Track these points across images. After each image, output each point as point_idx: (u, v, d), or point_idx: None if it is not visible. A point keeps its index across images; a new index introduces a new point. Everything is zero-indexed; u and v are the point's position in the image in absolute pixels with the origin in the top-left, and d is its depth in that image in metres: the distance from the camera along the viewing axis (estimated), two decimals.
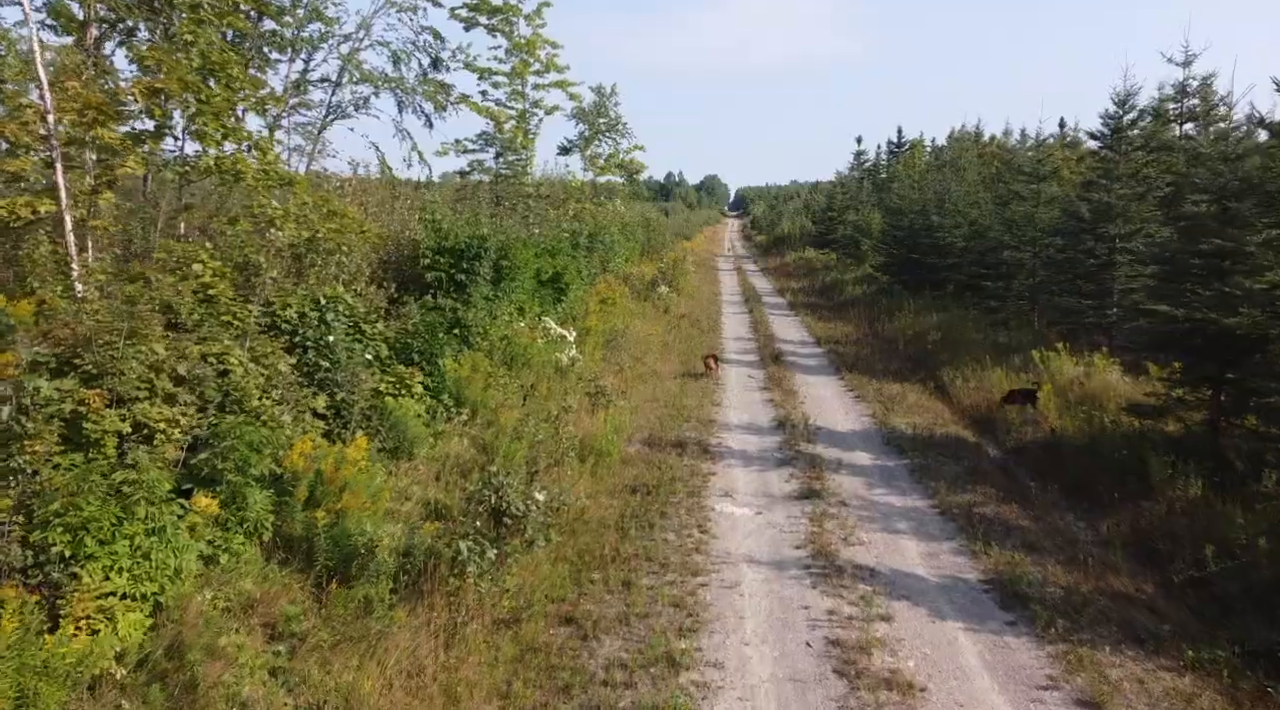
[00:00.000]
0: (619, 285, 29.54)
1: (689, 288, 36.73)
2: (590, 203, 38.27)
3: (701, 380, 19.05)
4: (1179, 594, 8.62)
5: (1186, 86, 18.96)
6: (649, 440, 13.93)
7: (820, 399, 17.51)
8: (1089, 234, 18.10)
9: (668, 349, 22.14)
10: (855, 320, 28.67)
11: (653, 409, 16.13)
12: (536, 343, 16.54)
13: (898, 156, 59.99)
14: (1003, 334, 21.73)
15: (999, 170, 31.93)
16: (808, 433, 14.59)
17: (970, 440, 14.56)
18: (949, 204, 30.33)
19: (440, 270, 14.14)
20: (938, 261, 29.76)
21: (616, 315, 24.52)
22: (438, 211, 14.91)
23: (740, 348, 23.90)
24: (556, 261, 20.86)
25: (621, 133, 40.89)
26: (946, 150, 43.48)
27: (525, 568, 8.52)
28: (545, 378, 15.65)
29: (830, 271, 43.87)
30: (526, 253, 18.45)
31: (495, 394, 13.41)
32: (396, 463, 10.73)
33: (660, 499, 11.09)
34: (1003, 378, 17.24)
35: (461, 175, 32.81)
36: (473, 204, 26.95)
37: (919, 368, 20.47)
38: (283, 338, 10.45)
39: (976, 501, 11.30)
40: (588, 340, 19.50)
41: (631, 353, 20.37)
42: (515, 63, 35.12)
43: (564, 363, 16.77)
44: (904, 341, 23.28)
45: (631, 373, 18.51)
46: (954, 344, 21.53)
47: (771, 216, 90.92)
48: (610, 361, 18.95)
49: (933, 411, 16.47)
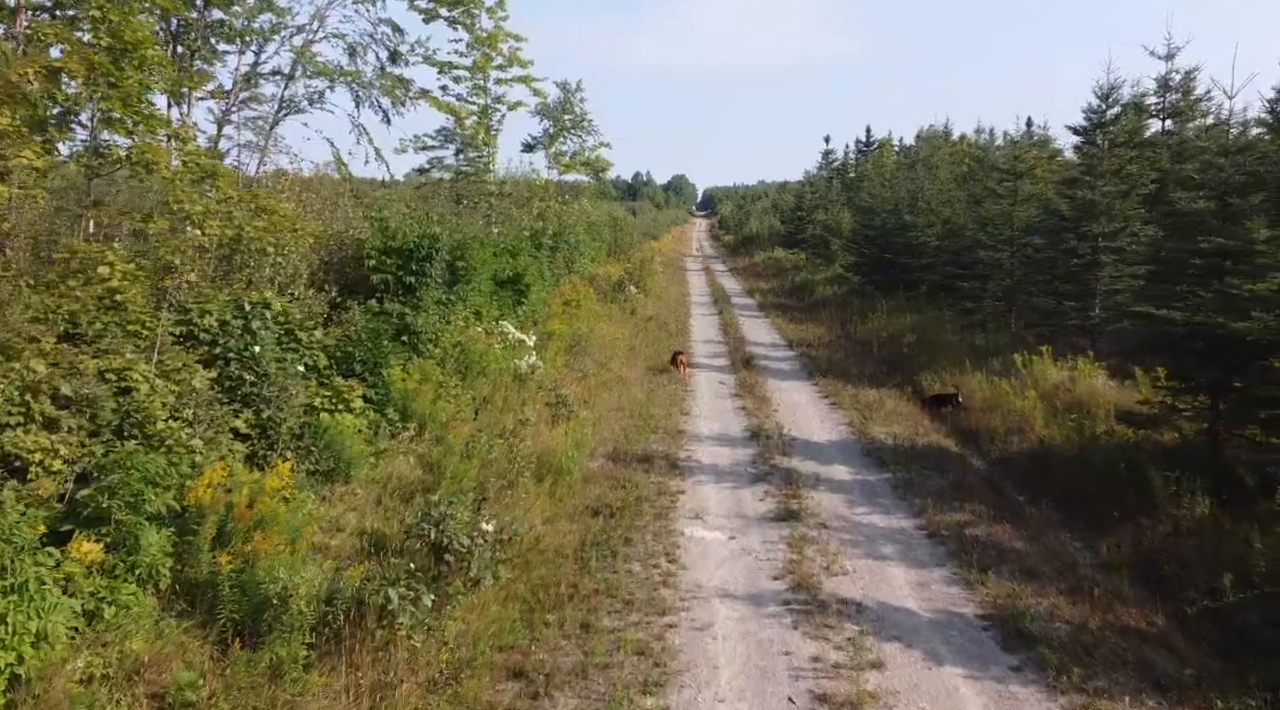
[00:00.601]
0: (584, 286, 28.55)
1: (657, 288, 35.81)
2: (555, 201, 37.27)
3: (670, 386, 18.13)
4: (1195, 627, 7.82)
5: (1169, 80, 18.39)
6: (614, 454, 12.96)
7: (795, 406, 16.64)
8: (1071, 232, 17.43)
9: (634, 353, 21.18)
10: (827, 322, 27.92)
11: (618, 419, 15.16)
12: (493, 349, 15.51)
13: (866, 156, 59.62)
14: (980, 336, 21.06)
15: (971, 168, 31.36)
16: (783, 444, 13.70)
17: (953, 451, 13.76)
18: (922, 202, 29.68)
19: (387, 272, 13.06)
20: (911, 261, 29.10)
21: (581, 318, 23.53)
22: (386, 209, 13.82)
23: (710, 351, 23.01)
24: (516, 262, 19.83)
25: (587, 129, 39.89)
26: (918, 149, 42.98)
27: (470, 610, 7.51)
28: (502, 387, 14.63)
29: (800, 271, 43.20)
30: (484, 252, 17.41)
31: (447, 406, 12.36)
32: (331, 487, 9.66)
33: (625, 523, 10.12)
34: (983, 383, 16.48)
35: (421, 172, 31.62)
36: (433, 203, 25.90)
37: (895, 371, 19.71)
38: (201, 349, 9.36)
39: (966, 521, 10.46)
40: (550, 345, 18.49)
41: (596, 357, 19.39)
42: (477, 57, 33.93)
43: (523, 370, 15.75)
44: (878, 344, 22.53)
45: (596, 379, 17.52)
46: (930, 346, 20.82)
47: (739, 216, 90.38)
48: (573, 367, 17.95)
49: (912, 419, 15.66)
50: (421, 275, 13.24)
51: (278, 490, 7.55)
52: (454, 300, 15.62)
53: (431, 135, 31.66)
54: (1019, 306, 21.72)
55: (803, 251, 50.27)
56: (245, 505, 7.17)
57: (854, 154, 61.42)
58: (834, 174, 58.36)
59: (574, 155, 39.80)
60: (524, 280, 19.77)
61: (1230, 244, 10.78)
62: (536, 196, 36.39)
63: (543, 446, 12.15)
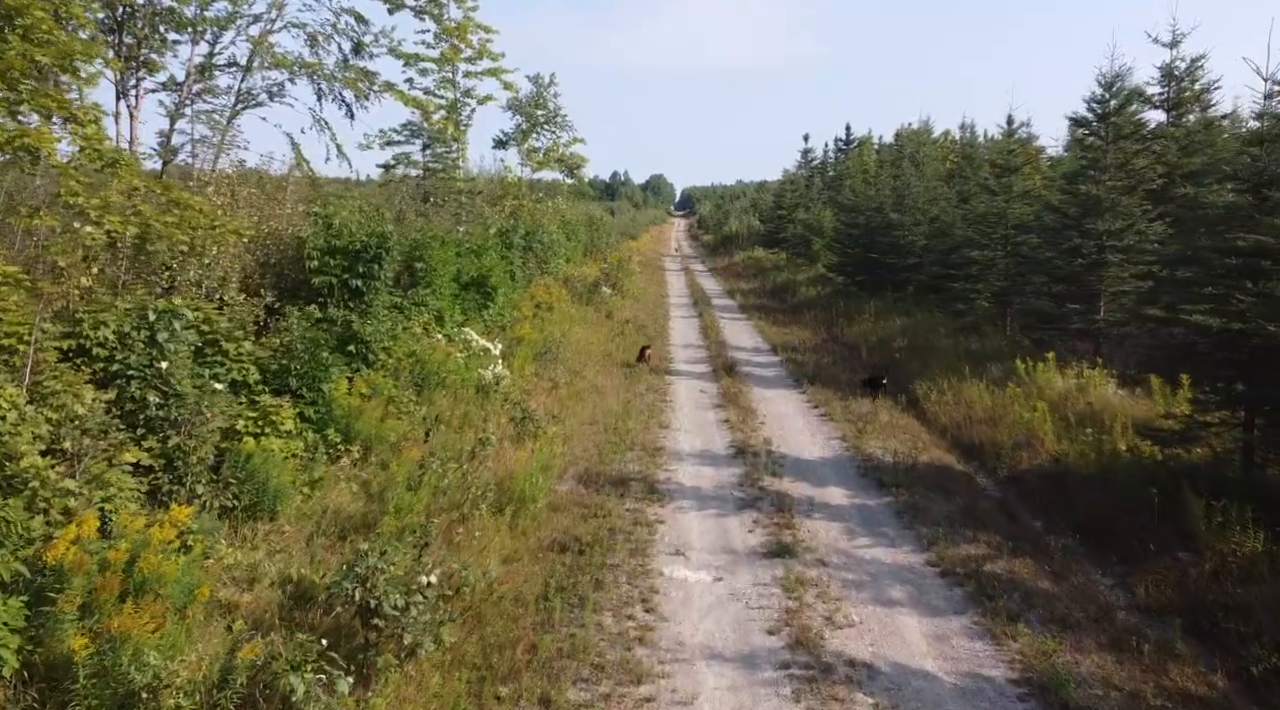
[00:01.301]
0: (558, 288, 27.24)
1: (634, 289, 34.52)
2: (529, 200, 35.94)
3: (648, 396, 16.86)
4: (1263, 691, 6.66)
5: (1173, 69, 17.34)
6: (585, 476, 11.66)
7: (782, 418, 15.42)
8: (1073, 230, 16.32)
9: (610, 360, 19.89)
10: (812, 324, 26.76)
11: (591, 434, 13.86)
12: (454, 358, 14.17)
13: (847, 154, 58.71)
14: (974, 340, 19.97)
15: (958, 165, 30.34)
16: (771, 463, 12.47)
17: (958, 469, 12.59)
18: (909, 200, 28.60)
19: (331, 274, 11.69)
20: (897, 261, 28.03)
21: (554, 322, 22.22)
22: (331, 205, 12.43)
23: (690, 356, 21.76)
24: (482, 263, 18.48)
25: (561, 125, 38.51)
26: (902, 145, 41.99)
27: (405, 684, 6.20)
28: (463, 401, 13.30)
29: (781, 272, 42.09)
30: (444, 253, 16.06)
31: (397, 424, 11.01)
32: (253, 524, 8.30)
33: (595, 561, 8.83)
34: (983, 392, 15.34)
35: (386, 169, 30.17)
36: (399, 201, 24.54)
37: (887, 378, 18.54)
38: (95, 366, 7.98)
39: (982, 554, 9.26)
40: (518, 352, 17.17)
41: (569, 365, 18.08)
42: (445, 48, 32.49)
43: (487, 380, 14.42)
44: (867, 349, 21.38)
45: (568, 389, 16.22)
46: (923, 352, 19.69)
47: (718, 216, 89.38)
48: (543, 376, 16.62)
49: (910, 432, 14.49)
50: (370, 278, 11.88)
51: (166, 543, 6.19)
52: (410, 305, 14.27)
53: (397, 130, 30.23)
54: (1013, 309, 20.66)
55: (783, 251, 49.26)
56: (122, 564, 5.81)
57: (834, 153, 60.51)
58: (814, 172, 57.32)
59: (547, 152, 38.42)
60: (490, 282, 18.44)
61: (1270, 241, 9.66)
62: (510, 194, 35.09)
63: (505, 469, 10.85)
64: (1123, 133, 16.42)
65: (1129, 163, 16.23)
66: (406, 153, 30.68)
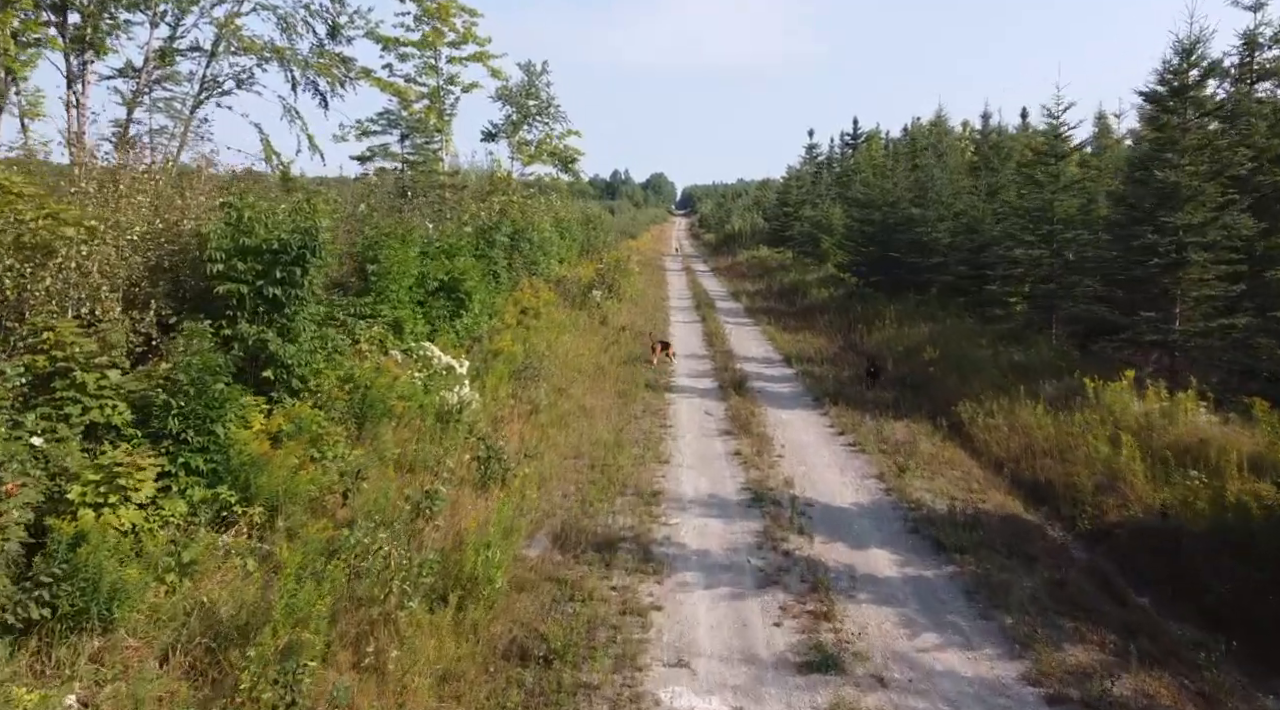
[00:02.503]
0: (548, 291, 24.78)
1: (633, 291, 32.03)
2: (519, 196, 33.55)
3: (644, 420, 14.41)
4: None
5: (1257, 36, 14.85)
6: (562, 536, 9.21)
7: (804, 449, 12.95)
8: (1145, 225, 13.83)
9: (602, 374, 17.42)
10: (826, 330, 24.29)
11: (574, 473, 11.41)
12: (407, 381, 11.73)
13: (854, 148, 56.31)
14: (1015, 351, 17.49)
15: (984, 157, 27.86)
16: (796, 513, 10.01)
17: (1028, 520, 10.12)
18: (933, 193, 26.10)
19: (240, 280, 9.21)
20: (920, 260, 25.55)
21: (540, 330, 19.76)
22: (247, 197, 9.93)
23: (694, 369, 19.30)
24: (454, 265, 16.02)
25: (554, 116, 36.10)
26: (916, 138, 39.52)
27: None
28: (416, 436, 10.86)
29: (788, 272, 39.61)
30: (404, 253, 13.62)
31: (318, 476, 8.54)
32: (75, 640, 5.85)
33: (566, 681, 6.38)
34: (1042, 417, 12.87)
35: (361, 161, 27.75)
36: (369, 195, 22.12)
37: (920, 396, 16.09)
38: None
39: (1097, 664, 6.79)
40: (493, 368, 14.70)
41: (554, 382, 15.62)
42: (426, 31, 30.12)
43: (451, 406, 11.98)
44: (893, 359, 18.90)
45: (550, 414, 13.76)
46: (957, 363, 17.22)
47: (720, 214, 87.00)
48: (521, 398, 14.16)
49: (959, 467, 12.02)
50: (291, 285, 9.40)
51: None
52: (354, 316, 11.82)
53: (373, 119, 27.84)
54: (1059, 315, 18.19)
55: (789, 250, 46.92)
56: None
57: (839, 147, 58.07)
58: (820, 168, 54.83)
59: (539, 144, 36.00)
60: (463, 287, 15.98)
61: None
62: (498, 190, 32.70)
63: (458, 532, 8.42)
64: (1203, 109, 13.90)
65: (1211, 143, 13.73)
66: (384, 144, 28.32)
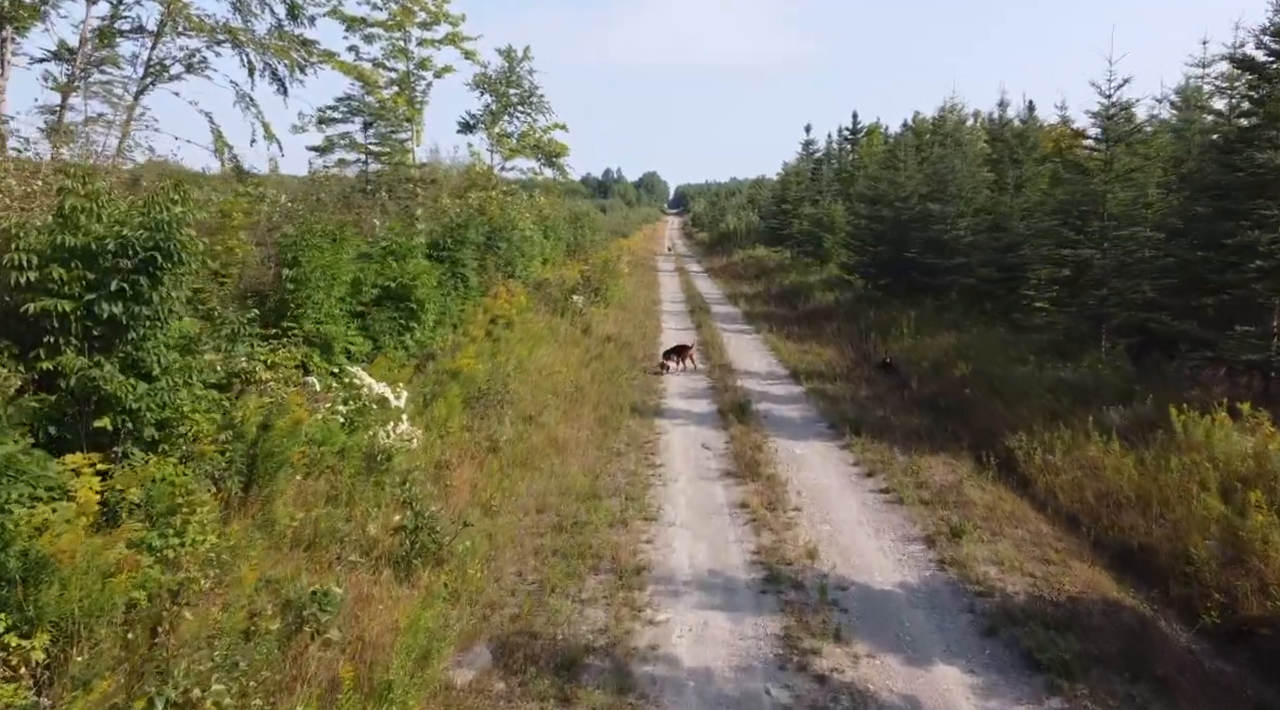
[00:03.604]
0: (524, 296, 22.25)
1: (621, 295, 29.52)
2: (497, 191, 31.03)
3: (630, 455, 11.92)
4: None
5: None
6: (508, 647, 6.67)
7: (825, 497, 10.44)
8: (1238, 218, 11.35)
9: (581, 396, 14.89)
10: (835, 340, 21.79)
11: (535, 537, 8.89)
12: (328, 419, 9.20)
13: (855, 143, 53.84)
14: (1060, 366, 15.01)
15: (1007, 147, 25.39)
16: (825, 602, 7.50)
17: (1134, 610, 7.62)
18: (954, 187, 23.59)
19: (62, 295, 6.67)
20: (938, 261, 23.07)
21: (511, 343, 17.24)
22: (93, 182, 7.37)
23: (688, 387, 16.78)
24: (404, 269, 13.49)
25: (537, 107, 33.47)
26: (921, 129, 37.04)
27: None
28: (330, 493, 8.32)
29: (788, 273, 37.14)
30: (332, 256, 11.09)
31: (152, 576, 5.98)
32: None
33: None
34: (1119, 456, 10.39)
35: (320, 152, 25.14)
36: (329, 190, 19.67)
37: (954, 421, 13.62)
38: None
39: None
40: (446, 394, 12.16)
41: (522, 408, 13.09)
42: (395, 9, 27.51)
43: (382, 448, 9.45)
44: (917, 376, 16.40)
45: (513, 451, 11.23)
46: (995, 381, 14.75)
47: (714, 213, 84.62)
48: (479, 431, 11.62)
49: (1024, 524, 9.52)
50: (137, 300, 6.85)
51: None
52: (252, 335, 9.29)
53: (333, 106, 25.25)
54: (1109, 326, 15.71)
55: (788, 249, 44.50)
56: None
57: (837, 142, 55.44)
58: (818, 164, 52.34)
59: (521, 137, 33.39)
60: (414, 295, 13.44)
61: None
62: (476, 185, 30.18)
63: (361, 645, 5.90)
64: None
65: None
66: (346, 133, 25.74)
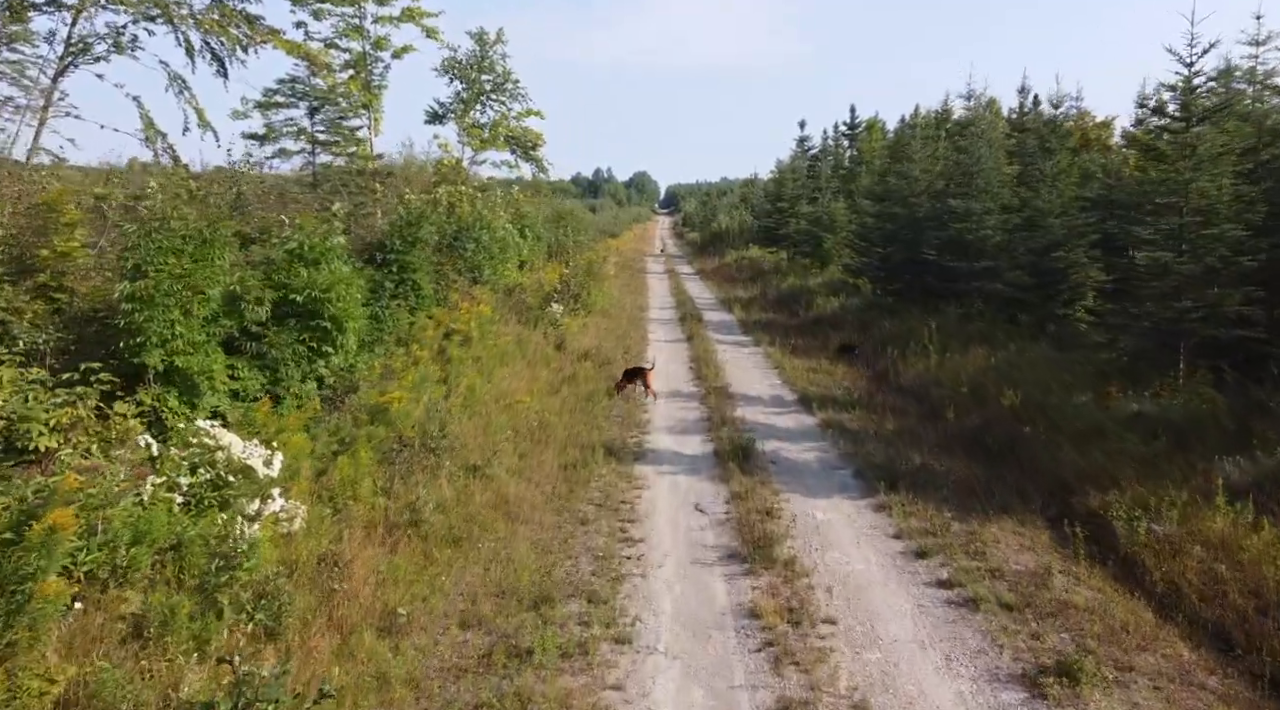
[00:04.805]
0: (489, 305, 19.33)
1: (605, 301, 26.62)
2: (469, 187, 28.12)
3: (598, 523, 9.06)
4: None
5: None
6: None
7: (870, 601, 7.53)
8: None
9: (545, 434, 11.98)
10: (846, 354, 18.94)
11: (447, 686, 6.00)
12: (158, 502, 6.28)
13: (853, 139, 51.11)
14: (1135, 395, 12.22)
15: (1042, 137, 22.58)
16: None
17: None
18: (980, 180, 20.75)
19: None
20: (962, 264, 20.26)
21: (466, 364, 14.32)
22: None
23: (678, 418, 13.89)
24: (315, 278, 10.55)
25: (512, 94, 30.51)
26: (968, 112, 34.29)
27: None
28: (134, 627, 5.42)
29: (785, 275, 34.30)
30: (197, 262, 8.17)
31: None
32: None
33: None
34: (1272, 539, 7.59)
35: (259, 140, 22.10)
36: (251, 183, 16.88)
37: (1012, 467, 10.80)
38: None
39: None
40: (356, 449, 9.22)
41: (463, 457, 10.19)
42: None
43: (238, 538, 6.53)
44: (954, 405, 13.50)
45: (445, 521, 8.31)
46: (1052, 414, 11.97)
47: (705, 212, 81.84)
48: (398, 498, 8.68)
49: (1158, 647, 6.64)
50: None
51: None
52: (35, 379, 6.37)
53: (275, 89, 22.22)
54: (1189, 345, 12.90)
55: (784, 250, 41.73)
56: None
57: (833, 138, 52.60)
58: (814, 161, 49.52)
59: (494, 126, 30.42)
60: (328, 310, 10.52)
61: None
62: (447, 179, 27.27)
63: None
64: None
65: None
66: (290, 119, 22.74)
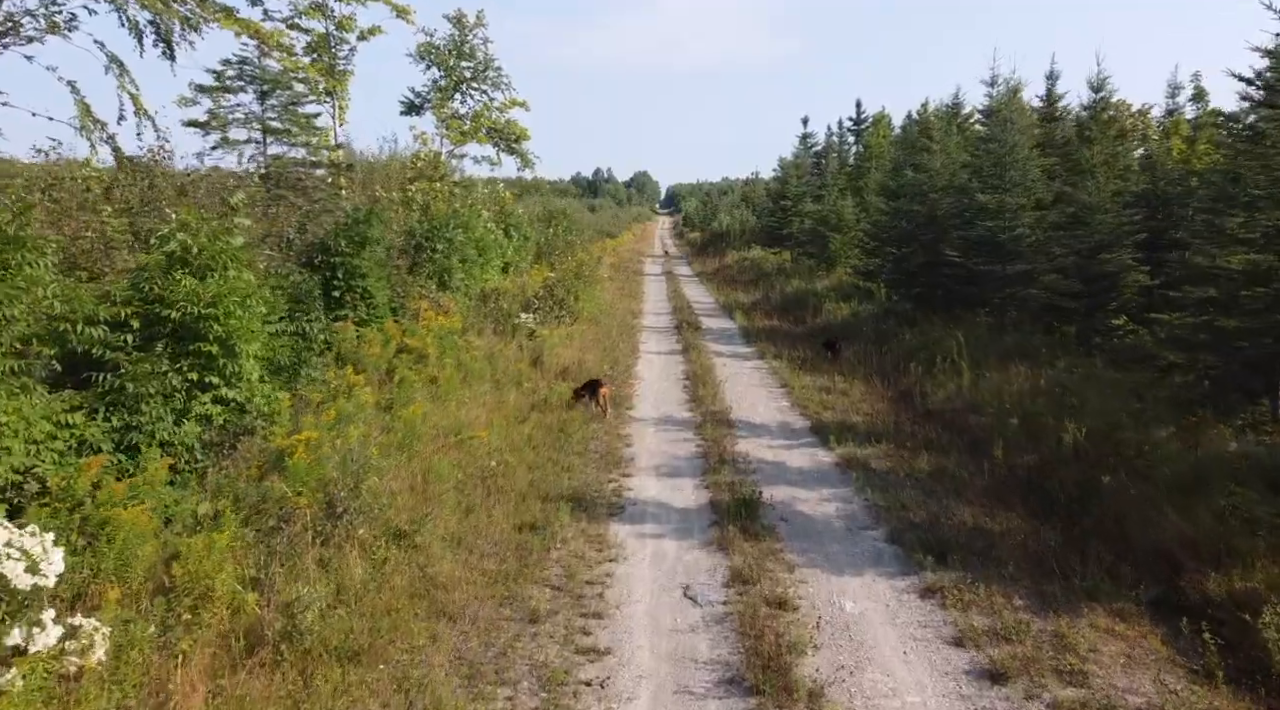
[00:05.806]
0: (464, 315, 17.02)
1: (595, 307, 24.22)
2: (448, 183, 25.86)
3: (552, 623, 6.74)
4: None
5: None
6: None
7: None
8: None
9: (501, 480, 9.63)
10: (862, 370, 16.57)
11: None
12: None
13: (860, 135, 48.77)
14: (1235, 432, 9.90)
15: (1083, 127, 20.26)
16: None
17: None
18: (1014, 173, 18.38)
19: None
20: (995, 267, 17.92)
21: (417, 389, 12.01)
22: None
23: (668, 453, 11.56)
24: (201, 289, 8.20)
25: (494, 83, 28.17)
26: (998, 103, 31.94)
27: None
28: None
29: (790, 278, 31.93)
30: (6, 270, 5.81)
31: None
32: None
33: None
34: None
35: (203, 129, 19.78)
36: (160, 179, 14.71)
37: (1088, 528, 8.47)
38: None
39: None
40: (224, 519, 6.89)
41: (387, 519, 7.87)
42: None
43: None
44: (1000, 438, 11.12)
45: (328, 633, 6.00)
46: (1127, 453, 9.66)
47: (705, 212, 79.67)
48: (277, 591, 6.37)
49: None
50: None
51: None
52: None
53: (219, 70, 19.87)
54: None
55: (787, 250, 39.48)
56: None
57: (839, 133, 50.26)
58: (819, 158, 47.22)
59: (475, 117, 28.07)
60: (215, 330, 8.18)
61: None
62: (424, 175, 25.01)
63: None
64: None
65: None
66: (240, 104, 20.41)
